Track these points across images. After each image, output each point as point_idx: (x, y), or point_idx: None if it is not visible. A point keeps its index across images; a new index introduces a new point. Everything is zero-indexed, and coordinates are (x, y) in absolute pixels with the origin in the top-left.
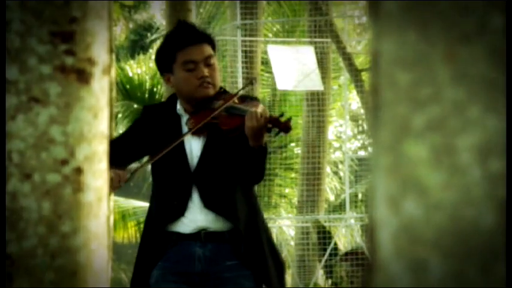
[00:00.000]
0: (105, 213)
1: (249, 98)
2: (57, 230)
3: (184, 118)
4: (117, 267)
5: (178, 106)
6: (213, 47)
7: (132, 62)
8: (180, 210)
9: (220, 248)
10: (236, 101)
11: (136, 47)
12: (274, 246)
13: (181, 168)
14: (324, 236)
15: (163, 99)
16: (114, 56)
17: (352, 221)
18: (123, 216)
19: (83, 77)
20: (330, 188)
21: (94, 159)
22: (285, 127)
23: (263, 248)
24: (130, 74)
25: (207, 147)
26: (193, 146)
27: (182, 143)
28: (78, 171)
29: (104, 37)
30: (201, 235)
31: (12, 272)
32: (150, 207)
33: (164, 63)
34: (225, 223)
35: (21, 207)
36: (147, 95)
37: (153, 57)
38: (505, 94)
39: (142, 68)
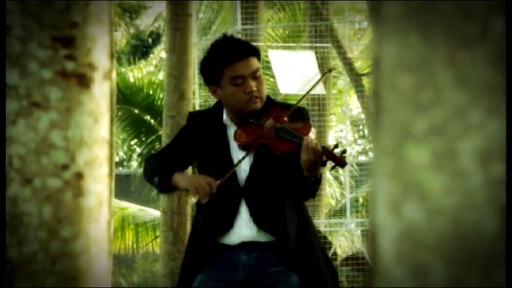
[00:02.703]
0: (106, 218)
1: (298, 116)
2: (57, 235)
3: (231, 129)
4: (117, 272)
5: (225, 116)
6: (259, 59)
7: (132, 67)
8: (227, 224)
9: (265, 255)
10: (285, 119)
11: (137, 52)
12: (329, 259)
13: (230, 183)
14: (324, 241)
15: (163, 104)
16: (114, 61)
17: (353, 226)
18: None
19: (84, 81)
20: (331, 193)
21: (94, 164)
22: (341, 162)
23: (317, 259)
24: (132, 80)
25: (256, 163)
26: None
27: (230, 157)
28: (79, 176)
29: (105, 42)
30: (247, 244)
31: (13, 277)
32: (195, 220)
33: (210, 77)
34: (271, 236)
35: (21, 212)
36: (144, 101)
37: (154, 62)
38: (506, 98)
39: (143, 73)
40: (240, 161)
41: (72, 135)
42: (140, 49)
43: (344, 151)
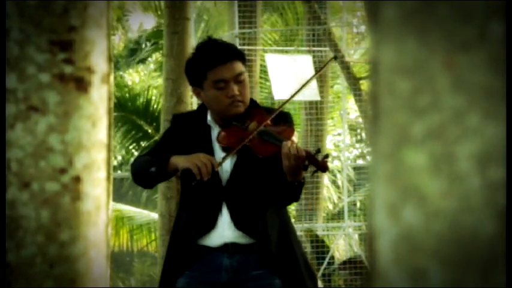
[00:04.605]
0: (104, 222)
1: (282, 120)
2: (55, 239)
3: (215, 130)
4: (115, 275)
5: (209, 117)
6: (244, 62)
7: (130, 70)
8: (209, 225)
9: (247, 258)
10: (269, 122)
11: (135, 56)
12: (309, 263)
13: (212, 183)
14: (323, 244)
15: (160, 109)
16: (112, 65)
17: (351, 229)
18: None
19: (82, 85)
20: (328, 197)
21: (93, 168)
22: (323, 167)
23: (298, 262)
24: (130, 83)
25: (238, 165)
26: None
27: (212, 157)
28: (77, 179)
29: (103, 46)
30: (229, 247)
31: (11, 281)
32: (178, 219)
33: (194, 79)
34: (252, 238)
35: (20, 215)
36: (141, 106)
37: (152, 66)
38: (505, 102)
39: (141, 77)
40: (223, 160)
41: (70, 139)
42: (138, 53)
43: (326, 156)
